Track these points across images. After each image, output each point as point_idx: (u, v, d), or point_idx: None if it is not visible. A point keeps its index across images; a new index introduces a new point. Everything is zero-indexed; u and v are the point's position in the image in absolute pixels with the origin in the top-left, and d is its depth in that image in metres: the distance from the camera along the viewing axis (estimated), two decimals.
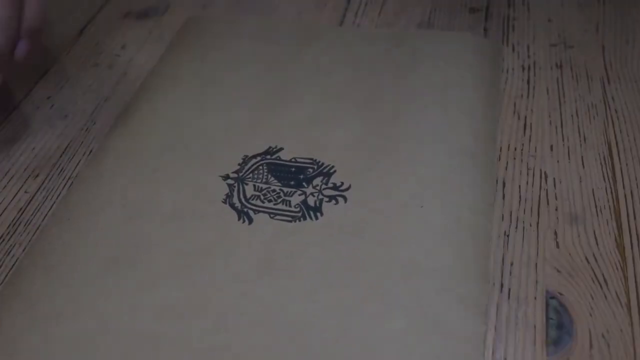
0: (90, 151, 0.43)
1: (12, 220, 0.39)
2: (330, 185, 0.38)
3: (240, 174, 0.39)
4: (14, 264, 0.36)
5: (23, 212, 0.39)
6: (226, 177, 0.39)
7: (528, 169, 0.40)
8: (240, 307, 0.32)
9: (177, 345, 0.31)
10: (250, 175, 0.39)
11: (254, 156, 0.41)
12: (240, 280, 0.33)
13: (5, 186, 0.41)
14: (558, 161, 0.40)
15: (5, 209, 0.39)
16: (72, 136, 0.44)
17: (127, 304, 0.33)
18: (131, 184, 0.38)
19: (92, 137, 0.44)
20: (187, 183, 0.39)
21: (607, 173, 0.39)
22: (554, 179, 0.39)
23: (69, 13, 0.56)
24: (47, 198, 0.40)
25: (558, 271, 0.34)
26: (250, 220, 0.37)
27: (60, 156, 0.42)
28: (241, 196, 0.38)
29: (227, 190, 0.38)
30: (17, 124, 0.45)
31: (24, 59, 0.42)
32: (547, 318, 0.32)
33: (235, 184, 0.39)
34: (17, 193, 0.40)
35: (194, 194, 0.38)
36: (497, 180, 0.39)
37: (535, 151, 0.41)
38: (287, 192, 0.38)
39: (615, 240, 0.36)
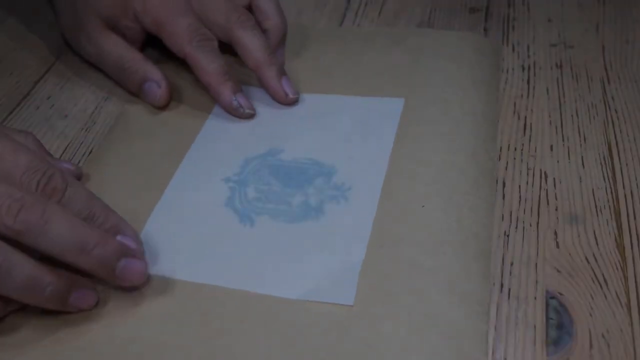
0: (90, 151, 0.43)
1: None
2: (331, 185, 0.38)
3: (242, 177, 0.39)
4: None
5: None
6: (227, 179, 0.39)
7: (528, 169, 0.40)
8: (242, 310, 0.32)
9: (179, 351, 0.31)
10: (252, 177, 0.39)
11: (255, 158, 0.41)
12: (242, 283, 0.33)
13: None
14: (558, 161, 0.40)
15: None
16: (72, 136, 0.44)
17: (130, 311, 0.33)
18: (132, 188, 0.38)
19: (92, 137, 0.44)
20: (189, 187, 0.39)
21: (607, 173, 0.39)
22: (554, 179, 0.39)
23: None
24: None
25: (558, 271, 0.34)
26: (252, 223, 0.37)
27: (60, 156, 0.42)
28: (243, 199, 0.38)
29: (228, 193, 0.38)
30: (18, 124, 0.45)
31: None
32: (547, 318, 0.32)
33: (237, 187, 0.39)
34: None
35: (195, 198, 0.38)
36: (497, 180, 0.39)
37: (535, 151, 0.41)
38: (289, 193, 0.38)
39: (615, 240, 0.36)
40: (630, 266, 0.34)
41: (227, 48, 0.46)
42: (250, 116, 0.43)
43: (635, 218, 0.37)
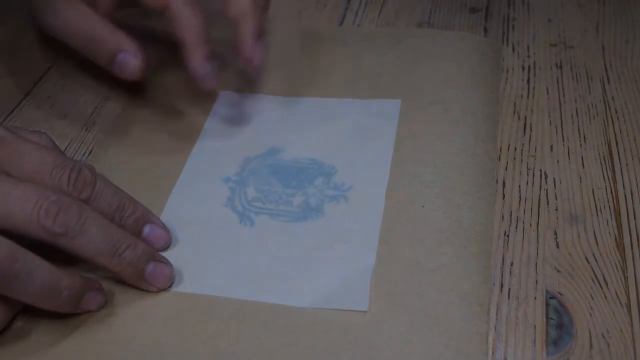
0: (91, 151, 0.43)
1: None
2: (331, 185, 0.38)
3: (242, 177, 0.39)
4: None
5: None
6: (227, 179, 0.39)
7: (528, 169, 0.40)
8: (243, 311, 0.32)
9: (182, 351, 0.31)
10: (252, 177, 0.39)
11: (255, 158, 0.41)
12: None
13: None
14: (558, 161, 0.40)
15: None
16: (72, 136, 0.44)
17: (131, 312, 0.33)
18: (132, 189, 0.38)
19: (92, 137, 0.44)
20: (189, 187, 0.39)
21: (607, 173, 0.39)
22: (554, 179, 0.39)
23: None
24: None
25: (558, 271, 0.34)
26: (252, 223, 0.37)
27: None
28: (242, 199, 0.38)
29: (228, 193, 0.38)
30: (18, 124, 0.45)
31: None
32: (547, 318, 0.32)
33: (237, 187, 0.39)
34: None
35: (196, 199, 0.38)
36: (497, 180, 0.39)
37: (535, 151, 0.41)
38: (289, 192, 0.38)
39: (615, 240, 0.36)
40: (630, 266, 0.34)
41: None
42: (212, 89, 0.41)
43: (635, 218, 0.37)
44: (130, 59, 0.41)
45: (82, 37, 0.42)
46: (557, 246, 0.36)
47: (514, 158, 0.41)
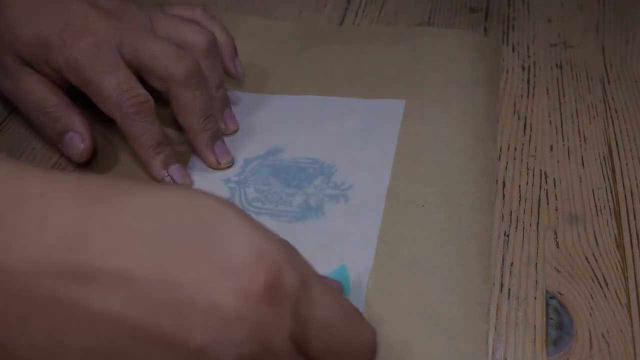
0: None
1: None
2: (331, 184, 0.38)
3: (242, 177, 0.39)
4: None
5: None
6: (227, 180, 0.39)
7: (528, 169, 0.40)
8: None
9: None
10: (252, 177, 0.39)
11: (255, 158, 0.41)
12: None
13: None
14: (558, 161, 0.40)
15: None
16: None
17: None
18: None
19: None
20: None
21: (607, 173, 0.39)
22: (554, 179, 0.39)
23: None
24: None
25: (558, 271, 0.34)
26: None
27: (60, 156, 0.42)
28: (243, 199, 0.38)
29: (229, 194, 0.38)
30: (17, 124, 0.45)
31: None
32: (547, 318, 0.32)
33: (237, 187, 0.39)
34: None
35: None
36: (497, 180, 0.39)
37: (535, 151, 0.41)
38: (289, 192, 0.38)
39: (615, 240, 0.36)
40: (630, 266, 0.34)
41: None
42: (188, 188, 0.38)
43: (635, 218, 0.37)
44: (76, 141, 0.39)
45: (32, 106, 0.40)
46: (557, 246, 0.36)
47: (514, 158, 0.41)
